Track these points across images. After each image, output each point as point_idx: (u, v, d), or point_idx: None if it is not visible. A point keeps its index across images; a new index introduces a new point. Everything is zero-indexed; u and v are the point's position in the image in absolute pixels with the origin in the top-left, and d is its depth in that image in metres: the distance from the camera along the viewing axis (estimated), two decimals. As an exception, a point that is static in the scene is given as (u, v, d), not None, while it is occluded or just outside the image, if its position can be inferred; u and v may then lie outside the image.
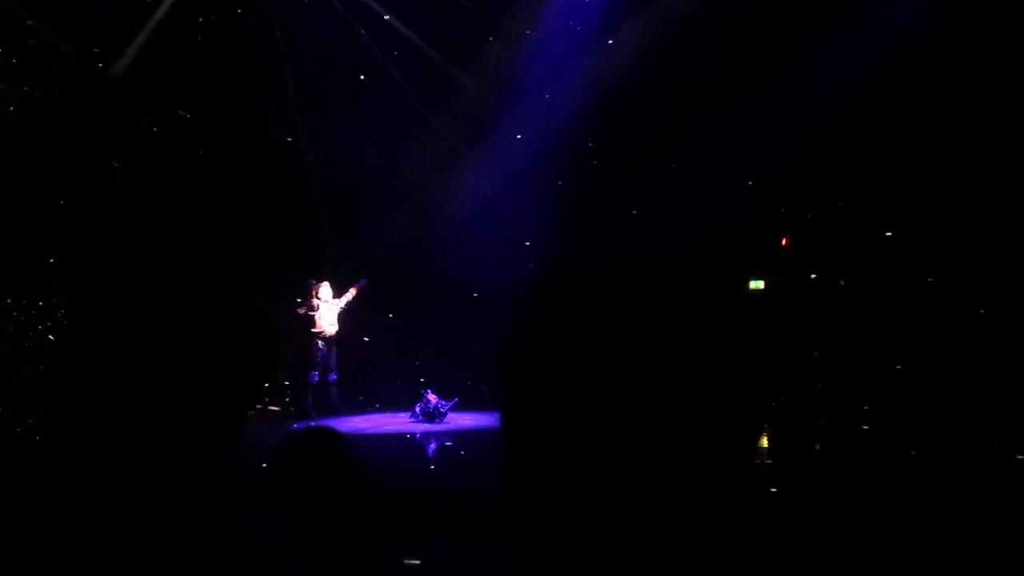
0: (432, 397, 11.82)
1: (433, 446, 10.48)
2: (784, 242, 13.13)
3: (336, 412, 12.09)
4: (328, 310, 12.36)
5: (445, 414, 11.72)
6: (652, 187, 12.72)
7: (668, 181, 12.53)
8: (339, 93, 13.63)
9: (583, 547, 0.86)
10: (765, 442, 9.27)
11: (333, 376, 12.30)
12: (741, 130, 11.33)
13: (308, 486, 2.21)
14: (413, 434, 11.11)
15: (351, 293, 12.51)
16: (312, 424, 8.90)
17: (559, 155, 13.08)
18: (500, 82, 13.46)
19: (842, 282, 12.63)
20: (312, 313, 12.23)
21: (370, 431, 11.14)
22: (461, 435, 10.72)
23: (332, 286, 12.50)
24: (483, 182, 13.59)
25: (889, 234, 11.76)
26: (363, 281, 12.58)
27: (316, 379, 12.17)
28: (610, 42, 12.76)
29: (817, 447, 9.67)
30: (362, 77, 13.39)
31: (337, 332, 12.40)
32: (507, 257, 12.20)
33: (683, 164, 12.48)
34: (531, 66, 13.23)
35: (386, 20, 13.21)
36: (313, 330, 12.20)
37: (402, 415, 12.16)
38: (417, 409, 11.84)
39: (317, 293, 12.36)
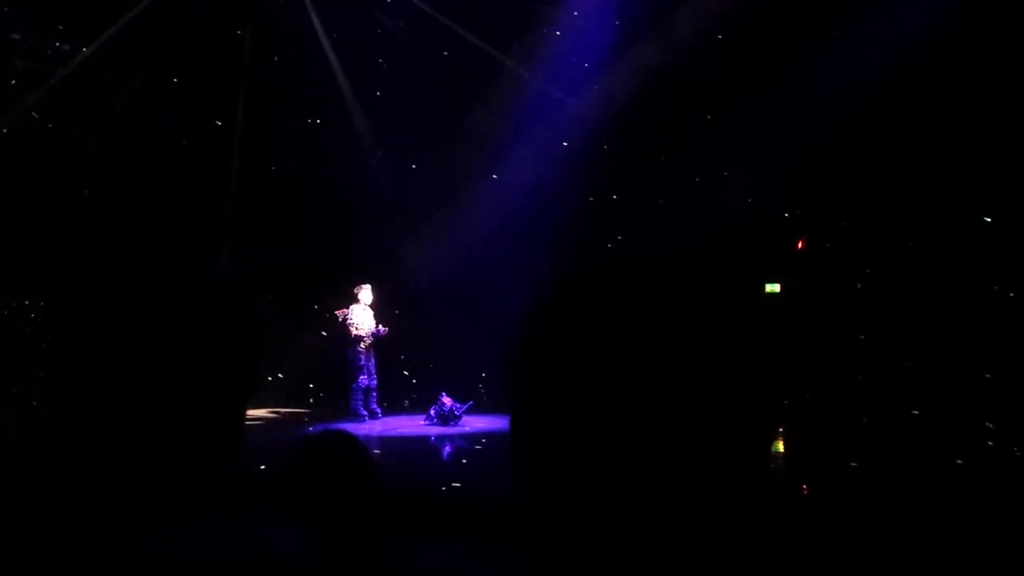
0: (447, 400, 11.84)
1: (447, 449, 10.49)
2: (800, 244, 13.08)
3: (374, 416, 12.10)
4: (367, 315, 12.32)
5: (460, 417, 11.72)
6: (665, 190, 12.71)
7: (682, 184, 12.52)
8: (357, 106, 13.73)
9: (592, 548, 0.86)
10: (780, 446, 9.24)
11: (374, 381, 12.27)
12: (756, 131, 11.28)
13: (320, 487, 2.22)
14: (427, 437, 11.13)
15: (377, 326, 12.33)
16: (326, 427, 8.90)
17: (577, 162, 13.08)
18: (518, 93, 13.47)
19: (859, 285, 12.56)
20: (350, 320, 12.15)
21: (385, 433, 11.17)
22: (475, 438, 10.73)
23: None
24: (502, 191, 13.56)
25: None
26: (383, 330, 12.38)
27: (365, 383, 12.15)
28: (627, 49, 12.75)
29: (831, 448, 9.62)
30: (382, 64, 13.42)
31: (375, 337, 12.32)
32: (523, 264, 12.14)
33: (698, 166, 12.46)
34: (549, 75, 13.23)
35: (403, 33, 13.31)
36: (354, 334, 12.15)
37: (417, 418, 12.18)
38: (432, 412, 11.86)
39: (357, 296, 12.33)
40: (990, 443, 9.40)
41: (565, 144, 13.20)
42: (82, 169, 13.14)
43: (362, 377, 12.09)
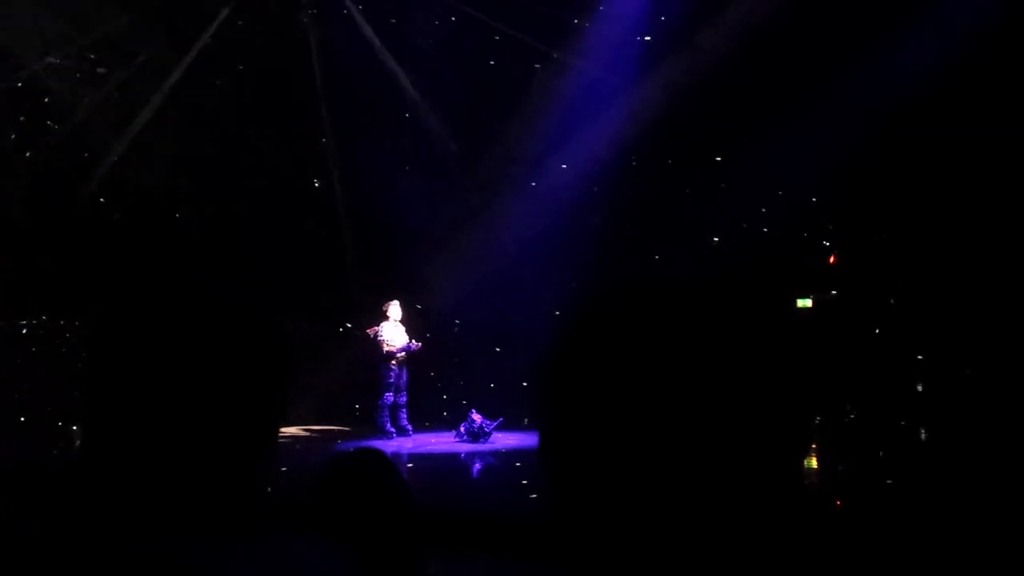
0: (477, 417, 11.83)
1: (477, 466, 10.48)
2: (832, 259, 12.98)
3: (404, 433, 12.10)
4: (398, 331, 12.28)
5: (490, 434, 11.71)
6: (696, 206, 12.66)
7: (714, 199, 12.46)
8: (378, 138, 13.85)
9: (620, 566, 0.86)
10: (814, 463, 9.16)
11: (403, 397, 12.28)
12: (788, 146, 11.20)
13: (351, 505, 2.22)
14: (458, 453, 11.13)
15: (410, 341, 12.29)
16: (356, 444, 8.95)
17: (603, 182, 13.08)
18: (541, 117, 13.51)
19: (892, 300, 12.44)
20: (381, 336, 12.16)
21: (415, 450, 11.18)
22: (505, 455, 10.70)
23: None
24: (532, 210, 13.56)
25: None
26: (416, 345, 12.37)
27: (391, 400, 12.14)
28: (657, 64, 12.75)
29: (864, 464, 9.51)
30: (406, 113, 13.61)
31: (407, 352, 12.34)
32: (551, 282, 12.10)
33: (729, 181, 12.41)
34: (578, 93, 13.22)
35: (422, 65, 13.47)
36: (385, 350, 12.18)
37: (447, 434, 12.18)
38: (462, 429, 11.86)
39: (387, 312, 12.34)
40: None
41: (594, 162, 13.20)
42: (111, 189, 13.34)
43: (387, 395, 12.09)
